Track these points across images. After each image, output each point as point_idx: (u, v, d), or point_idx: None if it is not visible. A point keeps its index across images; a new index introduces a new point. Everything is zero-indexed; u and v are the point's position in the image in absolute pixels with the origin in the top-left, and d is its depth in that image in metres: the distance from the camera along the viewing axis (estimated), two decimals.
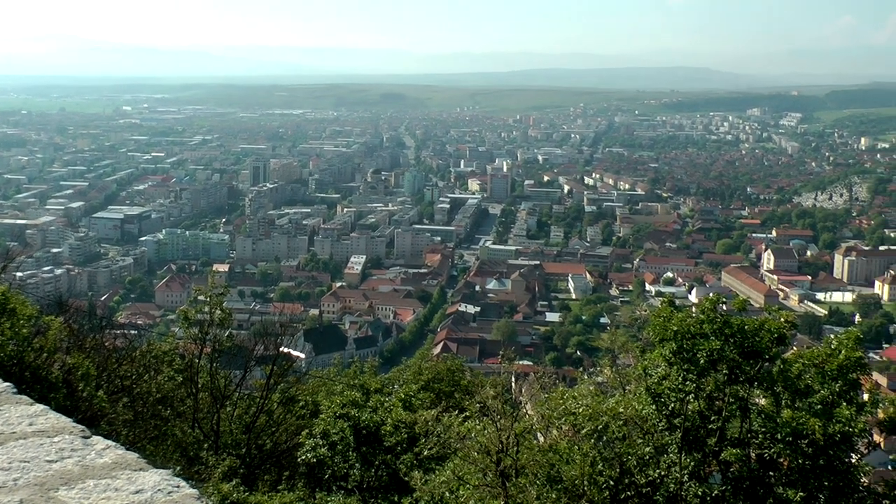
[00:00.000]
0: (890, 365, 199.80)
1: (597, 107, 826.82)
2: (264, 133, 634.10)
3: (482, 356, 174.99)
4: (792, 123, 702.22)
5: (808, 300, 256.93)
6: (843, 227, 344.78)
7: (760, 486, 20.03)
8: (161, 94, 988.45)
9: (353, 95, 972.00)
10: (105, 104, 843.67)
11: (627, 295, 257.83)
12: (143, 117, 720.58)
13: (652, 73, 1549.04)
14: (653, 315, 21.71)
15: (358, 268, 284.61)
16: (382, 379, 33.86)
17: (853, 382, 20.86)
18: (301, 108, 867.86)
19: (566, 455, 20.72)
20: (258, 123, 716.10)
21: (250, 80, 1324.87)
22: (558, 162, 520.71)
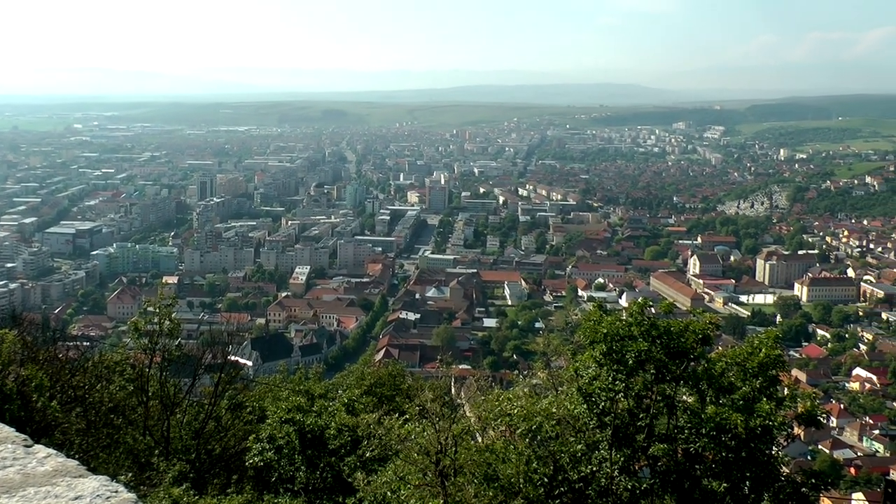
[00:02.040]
0: (809, 361, 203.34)
1: (530, 121, 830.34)
2: (211, 149, 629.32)
3: (422, 361, 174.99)
4: (715, 136, 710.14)
5: (732, 302, 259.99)
6: (764, 233, 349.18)
7: (687, 479, 20.24)
8: (111, 113, 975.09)
9: (297, 112, 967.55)
10: (56, 122, 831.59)
11: (561, 300, 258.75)
12: (93, 135, 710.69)
13: (582, 89, 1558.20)
14: (583, 319, 21.86)
15: (302, 278, 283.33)
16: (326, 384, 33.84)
17: (773, 379, 21.17)
18: (246, 124, 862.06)
19: (502, 454, 20.77)
20: (205, 140, 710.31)
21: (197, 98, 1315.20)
22: (493, 174, 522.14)
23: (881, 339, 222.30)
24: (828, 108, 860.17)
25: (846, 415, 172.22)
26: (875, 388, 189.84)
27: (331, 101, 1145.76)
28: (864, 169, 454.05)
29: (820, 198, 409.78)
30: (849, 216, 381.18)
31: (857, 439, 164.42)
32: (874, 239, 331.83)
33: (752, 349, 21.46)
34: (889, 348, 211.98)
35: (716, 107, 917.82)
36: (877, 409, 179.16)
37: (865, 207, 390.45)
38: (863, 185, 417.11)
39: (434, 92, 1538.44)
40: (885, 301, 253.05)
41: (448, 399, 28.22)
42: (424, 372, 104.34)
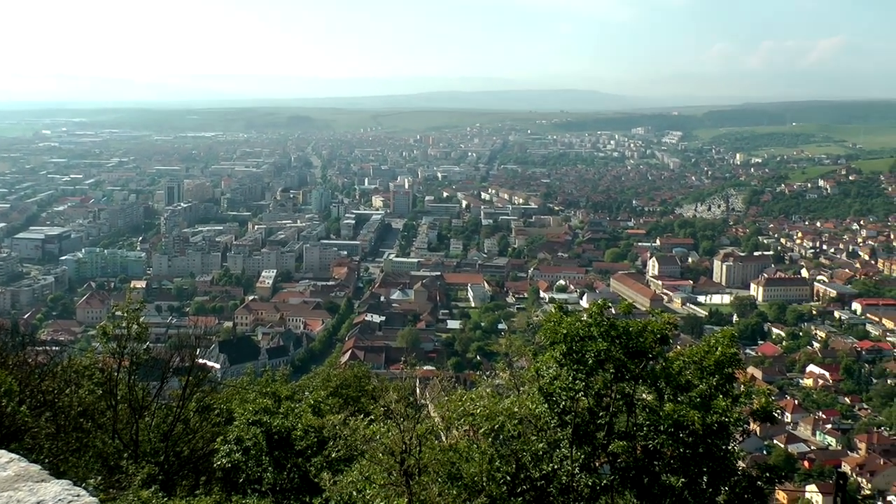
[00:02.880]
0: (765, 359, 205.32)
1: (492, 127, 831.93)
2: (178, 155, 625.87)
3: (388, 363, 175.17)
4: (673, 141, 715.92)
5: (690, 303, 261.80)
6: (720, 236, 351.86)
7: (646, 475, 20.32)
8: (79, 119, 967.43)
9: (263, 118, 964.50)
10: (25, 128, 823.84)
11: (523, 302, 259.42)
12: (62, 141, 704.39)
13: (544, 95, 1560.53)
14: (544, 320, 21.91)
15: (269, 281, 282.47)
16: (293, 386, 33.66)
17: (729, 376, 21.31)
18: (213, 130, 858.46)
19: (465, 453, 20.79)
20: (172, 146, 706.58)
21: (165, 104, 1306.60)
22: (456, 179, 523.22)
23: (833, 336, 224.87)
24: (782, 114, 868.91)
25: (800, 410, 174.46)
26: (828, 384, 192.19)
27: (296, 107, 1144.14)
28: (818, 173, 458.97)
29: (775, 201, 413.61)
30: (802, 218, 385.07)
31: (810, 433, 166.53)
32: (827, 240, 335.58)
33: (708, 348, 21.60)
34: (841, 346, 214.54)
35: (674, 112, 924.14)
36: (829, 404, 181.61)
37: (818, 210, 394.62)
38: (816, 189, 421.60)
39: (398, 98, 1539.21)
40: (837, 300, 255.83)
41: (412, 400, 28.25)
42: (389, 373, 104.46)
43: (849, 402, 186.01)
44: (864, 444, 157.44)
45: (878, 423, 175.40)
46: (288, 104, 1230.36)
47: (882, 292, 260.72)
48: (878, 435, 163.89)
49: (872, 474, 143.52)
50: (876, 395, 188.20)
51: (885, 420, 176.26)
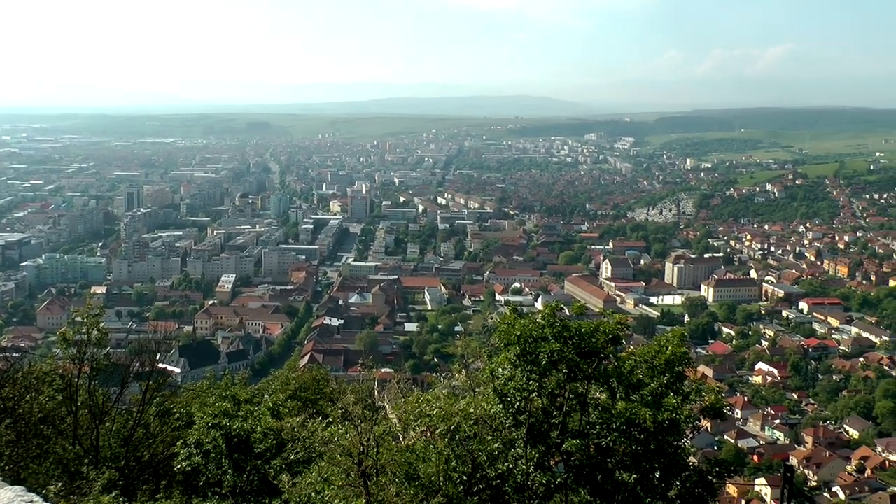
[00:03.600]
0: (715, 358, 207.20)
1: (448, 132, 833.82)
2: (137, 160, 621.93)
3: (346, 365, 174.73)
4: (625, 146, 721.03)
5: (642, 304, 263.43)
6: (672, 238, 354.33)
7: (599, 472, 20.45)
8: (39, 124, 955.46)
9: (221, 124, 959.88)
10: None
11: (479, 305, 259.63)
12: (21, 146, 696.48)
13: (498, 102, 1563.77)
14: (499, 322, 21.98)
15: (228, 286, 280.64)
16: (252, 390, 33.52)
17: (679, 375, 21.52)
18: (172, 136, 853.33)
19: (422, 454, 20.83)
20: (132, 151, 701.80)
21: (124, 110, 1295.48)
22: (413, 184, 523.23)
23: (782, 335, 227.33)
24: (731, 120, 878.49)
25: (750, 406, 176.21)
26: (776, 381, 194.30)
27: (255, 113, 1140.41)
28: (765, 177, 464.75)
29: (724, 204, 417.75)
30: (751, 221, 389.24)
31: (759, 429, 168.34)
32: (774, 242, 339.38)
33: (659, 347, 21.78)
34: (789, 344, 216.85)
35: (626, 119, 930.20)
36: (778, 400, 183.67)
37: (766, 213, 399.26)
38: (764, 192, 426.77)
39: (356, 104, 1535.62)
40: (784, 300, 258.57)
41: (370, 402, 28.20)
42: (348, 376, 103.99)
43: (796, 398, 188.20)
44: (811, 438, 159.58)
45: (823, 417, 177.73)
46: (246, 110, 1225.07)
47: (827, 292, 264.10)
48: (824, 429, 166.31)
49: (819, 466, 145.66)
50: (822, 390, 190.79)
51: (831, 414, 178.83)
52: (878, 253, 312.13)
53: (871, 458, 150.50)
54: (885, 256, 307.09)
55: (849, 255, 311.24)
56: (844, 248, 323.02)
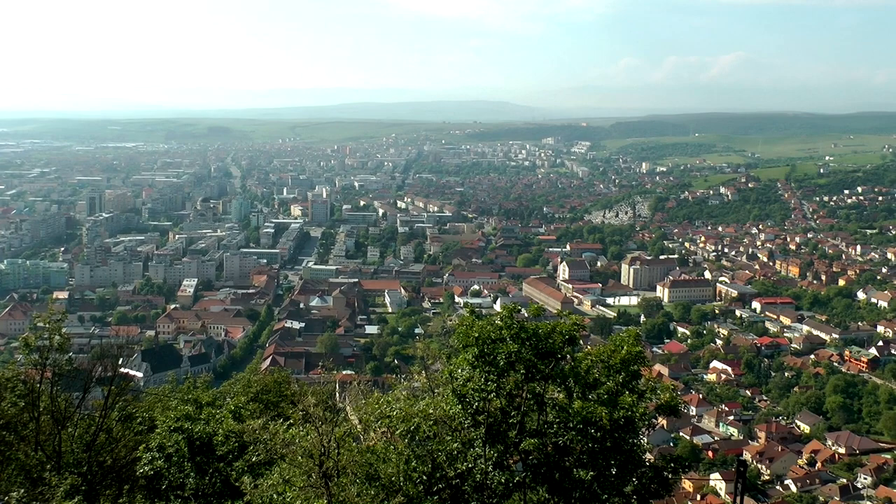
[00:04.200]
0: (671, 357, 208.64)
1: (407, 137, 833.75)
2: (99, 165, 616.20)
3: (307, 368, 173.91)
4: (582, 151, 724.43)
5: (599, 305, 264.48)
6: (628, 241, 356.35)
7: (557, 471, 20.56)
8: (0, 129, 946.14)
9: (183, 129, 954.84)
10: None
11: (438, 307, 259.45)
12: None
13: (457, 106, 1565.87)
14: (457, 324, 22.02)
15: (190, 290, 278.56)
16: (214, 393, 33.37)
17: (634, 373, 21.71)
18: (134, 141, 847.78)
19: (383, 454, 20.85)
20: (93, 156, 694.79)
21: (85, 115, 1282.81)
22: (373, 188, 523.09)
23: (735, 333, 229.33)
24: (686, 125, 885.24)
25: (704, 404, 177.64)
26: (730, 379, 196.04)
27: (216, 118, 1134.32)
28: (719, 180, 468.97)
29: (679, 207, 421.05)
30: (705, 223, 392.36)
31: (714, 425, 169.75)
32: (728, 244, 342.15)
33: (614, 347, 21.96)
34: (742, 342, 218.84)
35: (582, 124, 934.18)
36: (731, 397, 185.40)
37: (720, 215, 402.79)
38: (717, 195, 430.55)
39: (315, 109, 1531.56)
40: (738, 299, 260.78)
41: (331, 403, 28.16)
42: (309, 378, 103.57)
43: (749, 395, 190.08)
44: (764, 433, 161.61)
45: (776, 412, 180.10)
46: (207, 115, 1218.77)
47: (779, 291, 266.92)
48: (777, 424, 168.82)
49: (771, 461, 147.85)
50: (774, 387, 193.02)
51: (783, 410, 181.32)
52: (828, 253, 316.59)
53: (822, 452, 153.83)
54: (834, 257, 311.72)
55: (800, 255, 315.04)
56: (795, 249, 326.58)
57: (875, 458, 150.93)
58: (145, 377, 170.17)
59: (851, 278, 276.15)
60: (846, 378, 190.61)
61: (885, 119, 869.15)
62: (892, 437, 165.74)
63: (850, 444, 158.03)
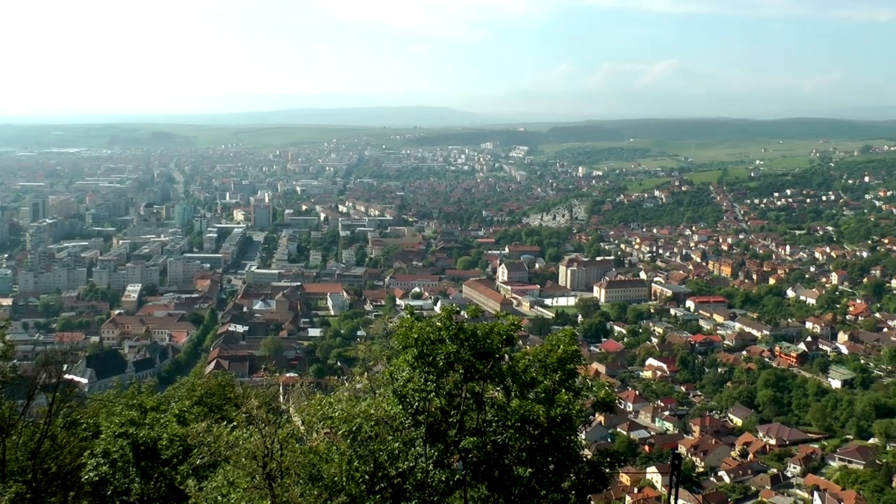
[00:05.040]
0: (608, 355, 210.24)
1: (348, 142, 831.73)
2: (42, 171, 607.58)
3: (251, 371, 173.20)
4: (520, 155, 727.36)
5: (538, 305, 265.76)
6: (565, 243, 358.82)
7: (496, 468, 20.70)
8: None
9: (126, 134, 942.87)
10: None
11: (380, 309, 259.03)
12: None
13: (397, 112, 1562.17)
14: (397, 326, 22.09)
15: (134, 295, 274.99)
16: (159, 397, 32.96)
17: (571, 372, 21.92)
18: (77, 146, 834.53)
19: (325, 455, 20.82)
20: (36, 162, 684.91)
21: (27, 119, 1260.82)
22: (315, 192, 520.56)
23: (670, 332, 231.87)
24: (621, 130, 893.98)
25: (641, 400, 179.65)
26: (665, 375, 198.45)
27: (159, 123, 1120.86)
28: (653, 184, 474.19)
29: (614, 210, 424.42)
30: (640, 225, 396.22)
31: (650, 420, 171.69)
32: (662, 245, 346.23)
33: (551, 346, 22.16)
34: (677, 340, 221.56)
35: (520, 129, 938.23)
36: (667, 393, 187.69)
37: (654, 217, 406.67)
38: (652, 198, 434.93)
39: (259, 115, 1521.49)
40: (672, 299, 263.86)
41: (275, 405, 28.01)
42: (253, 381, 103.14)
43: (684, 390, 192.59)
44: (698, 427, 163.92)
45: (710, 407, 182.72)
46: (150, 120, 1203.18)
47: (712, 291, 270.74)
48: (710, 418, 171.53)
49: (706, 453, 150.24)
50: (708, 382, 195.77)
51: (716, 404, 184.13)
52: (759, 254, 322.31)
53: (754, 444, 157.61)
54: (765, 257, 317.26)
55: (732, 256, 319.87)
56: (728, 250, 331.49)
57: (804, 449, 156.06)
58: (90, 383, 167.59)
59: (781, 277, 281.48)
60: (776, 373, 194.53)
61: (813, 125, 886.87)
62: (819, 428, 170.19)
63: (781, 435, 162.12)
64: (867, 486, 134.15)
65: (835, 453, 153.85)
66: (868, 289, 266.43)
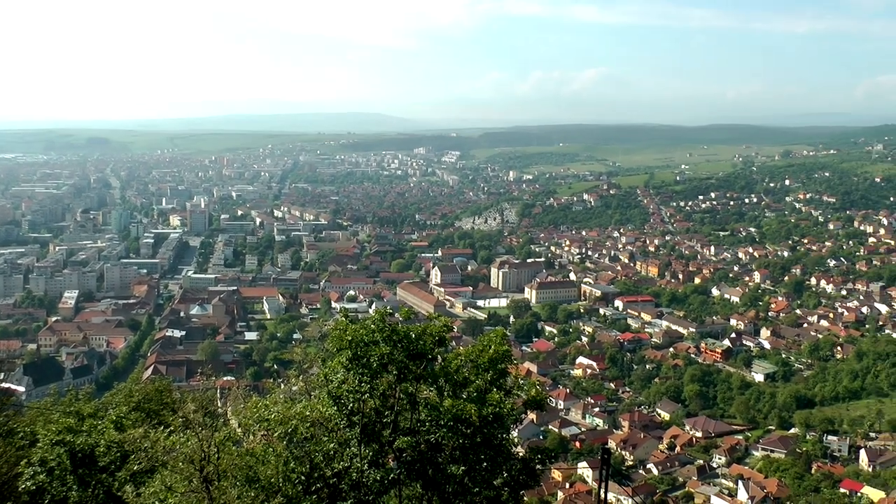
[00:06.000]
0: (539, 354, 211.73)
1: (283, 148, 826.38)
2: None
3: (189, 375, 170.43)
4: (452, 160, 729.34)
5: (470, 307, 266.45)
6: (497, 245, 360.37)
7: (430, 467, 20.77)
8: None
9: (62, 140, 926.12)
10: None
11: (316, 312, 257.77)
12: None
13: (331, 118, 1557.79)
14: (332, 328, 22.06)
15: (71, 302, 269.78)
16: (96, 404, 32.48)
17: (502, 371, 22.07)
18: (12, 152, 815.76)
19: (262, 457, 20.75)
20: None
21: None
22: (250, 197, 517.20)
23: (599, 330, 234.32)
24: (550, 135, 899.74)
25: (571, 397, 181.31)
26: (595, 373, 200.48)
27: (95, 129, 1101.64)
28: (582, 188, 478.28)
29: (545, 213, 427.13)
30: (570, 228, 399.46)
31: (581, 417, 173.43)
32: (591, 247, 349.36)
33: (483, 347, 22.30)
34: (606, 338, 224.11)
35: (452, 134, 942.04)
36: (597, 390, 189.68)
37: (583, 220, 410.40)
38: (581, 202, 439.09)
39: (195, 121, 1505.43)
40: (601, 299, 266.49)
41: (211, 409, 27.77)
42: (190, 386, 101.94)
43: (613, 387, 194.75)
44: (627, 422, 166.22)
45: (638, 402, 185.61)
46: (86, 126, 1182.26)
47: (640, 290, 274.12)
48: (639, 413, 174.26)
49: (635, 447, 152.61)
50: (636, 378, 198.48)
51: (645, 400, 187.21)
52: (685, 254, 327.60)
53: (681, 436, 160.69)
54: (690, 257, 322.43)
55: (658, 256, 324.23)
56: (655, 251, 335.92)
57: (728, 440, 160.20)
58: (27, 391, 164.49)
59: (706, 276, 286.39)
60: (702, 368, 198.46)
61: (736, 130, 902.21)
62: (743, 420, 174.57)
63: (707, 427, 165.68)
64: (788, 473, 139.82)
65: (758, 443, 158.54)
66: (789, 287, 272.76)
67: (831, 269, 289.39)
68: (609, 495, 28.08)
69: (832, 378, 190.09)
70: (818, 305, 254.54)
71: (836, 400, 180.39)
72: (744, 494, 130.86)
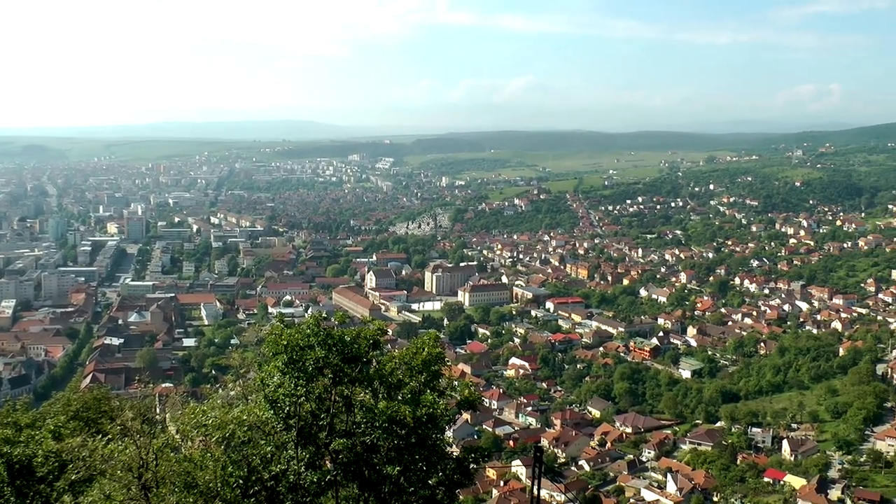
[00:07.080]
0: (473, 356, 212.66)
1: (219, 155, 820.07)
2: None
3: (127, 383, 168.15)
4: (386, 166, 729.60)
5: (405, 310, 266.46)
6: (430, 250, 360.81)
7: (366, 468, 20.77)
8: None
9: None
10: None
11: (253, 318, 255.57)
12: None
13: (266, 126, 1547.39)
14: (268, 333, 21.98)
15: (8, 311, 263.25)
16: (34, 414, 31.82)
17: (435, 373, 22.15)
18: None
19: (200, 462, 20.51)
20: None
21: None
22: (187, 204, 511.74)
23: (531, 332, 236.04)
24: (481, 142, 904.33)
25: (505, 397, 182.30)
26: (527, 373, 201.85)
27: (31, 136, 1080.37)
28: (513, 192, 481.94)
29: (477, 217, 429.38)
30: (501, 232, 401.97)
31: (514, 416, 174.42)
32: (522, 250, 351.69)
33: (416, 349, 22.35)
34: (538, 339, 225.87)
35: (386, 141, 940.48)
36: (529, 389, 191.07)
37: (515, 224, 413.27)
38: (512, 206, 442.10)
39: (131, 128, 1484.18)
40: (533, 301, 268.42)
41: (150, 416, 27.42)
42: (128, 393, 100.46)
43: (546, 387, 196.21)
44: (559, 421, 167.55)
45: (570, 401, 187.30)
46: (23, 133, 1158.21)
47: (570, 292, 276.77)
48: (571, 411, 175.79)
49: (567, 444, 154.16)
50: (568, 378, 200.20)
51: (576, 398, 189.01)
52: (613, 257, 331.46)
53: (611, 433, 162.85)
54: (618, 259, 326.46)
55: (588, 259, 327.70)
56: (584, 254, 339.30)
57: (657, 435, 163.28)
58: None
59: (634, 278, 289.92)
60: (631, 366, 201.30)
61: (662, 137, 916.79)
62: (671, 415, 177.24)
63: (636, 423, 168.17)
64: (715, 464, 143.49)
65: (686, 437, 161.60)
66: (714, 286, 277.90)
67: (754, 269, 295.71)
68: (542, 492, 28.51)
69: (756, 373, 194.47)
70: (742, 304, 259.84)
71: (760, 394, 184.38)
72: (672, 486, 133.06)
